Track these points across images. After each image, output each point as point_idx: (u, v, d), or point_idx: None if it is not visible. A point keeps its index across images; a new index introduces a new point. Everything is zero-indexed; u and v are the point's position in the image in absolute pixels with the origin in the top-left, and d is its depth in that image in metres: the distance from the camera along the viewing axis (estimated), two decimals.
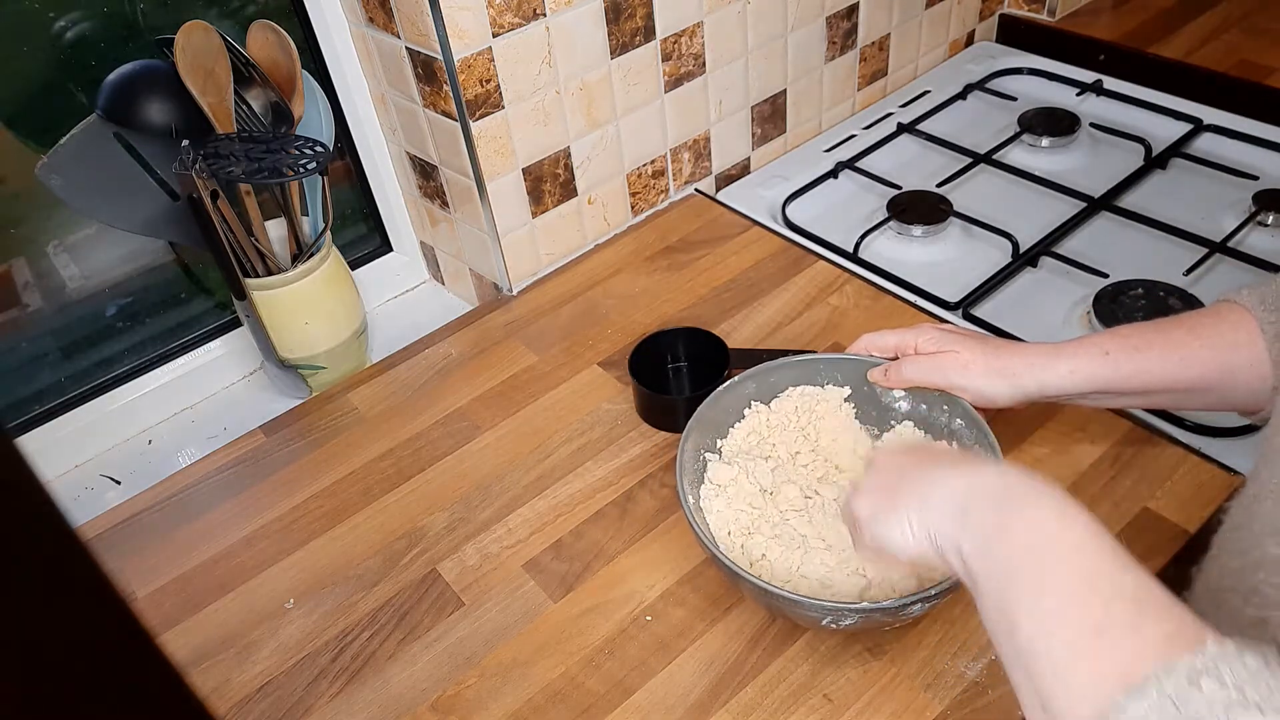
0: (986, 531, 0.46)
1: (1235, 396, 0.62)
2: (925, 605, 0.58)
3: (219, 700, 0.67)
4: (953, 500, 0.48)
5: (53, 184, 0.78)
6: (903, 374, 0.70)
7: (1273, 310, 0.59)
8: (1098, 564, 0.42)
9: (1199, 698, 0.34)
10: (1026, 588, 0.42)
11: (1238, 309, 0.61)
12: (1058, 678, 0.39)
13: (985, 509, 0.47)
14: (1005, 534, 0.45)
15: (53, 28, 0.81)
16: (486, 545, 0.75)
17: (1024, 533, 0.44)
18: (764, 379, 0.74)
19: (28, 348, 0.90)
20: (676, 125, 1.04)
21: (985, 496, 0.47)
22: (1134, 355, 0.63)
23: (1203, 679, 0.35)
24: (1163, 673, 0.35)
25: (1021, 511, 0.45)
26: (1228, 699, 0.34)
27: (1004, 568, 0.44)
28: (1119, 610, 0.39)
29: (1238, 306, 0.61)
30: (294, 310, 0.89)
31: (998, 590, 0.44)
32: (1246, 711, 0.33)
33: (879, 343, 0.72)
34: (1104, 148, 1.11)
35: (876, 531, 0.53)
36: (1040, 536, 0.44)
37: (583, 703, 0.64)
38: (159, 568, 0.77)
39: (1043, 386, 0.65)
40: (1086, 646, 0.39)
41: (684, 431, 0.70)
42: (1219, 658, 0.35)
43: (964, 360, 0.67)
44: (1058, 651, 0.40)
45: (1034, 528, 0.44)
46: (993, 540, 0.45)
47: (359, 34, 0.92)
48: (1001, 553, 0.44)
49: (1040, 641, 0.40)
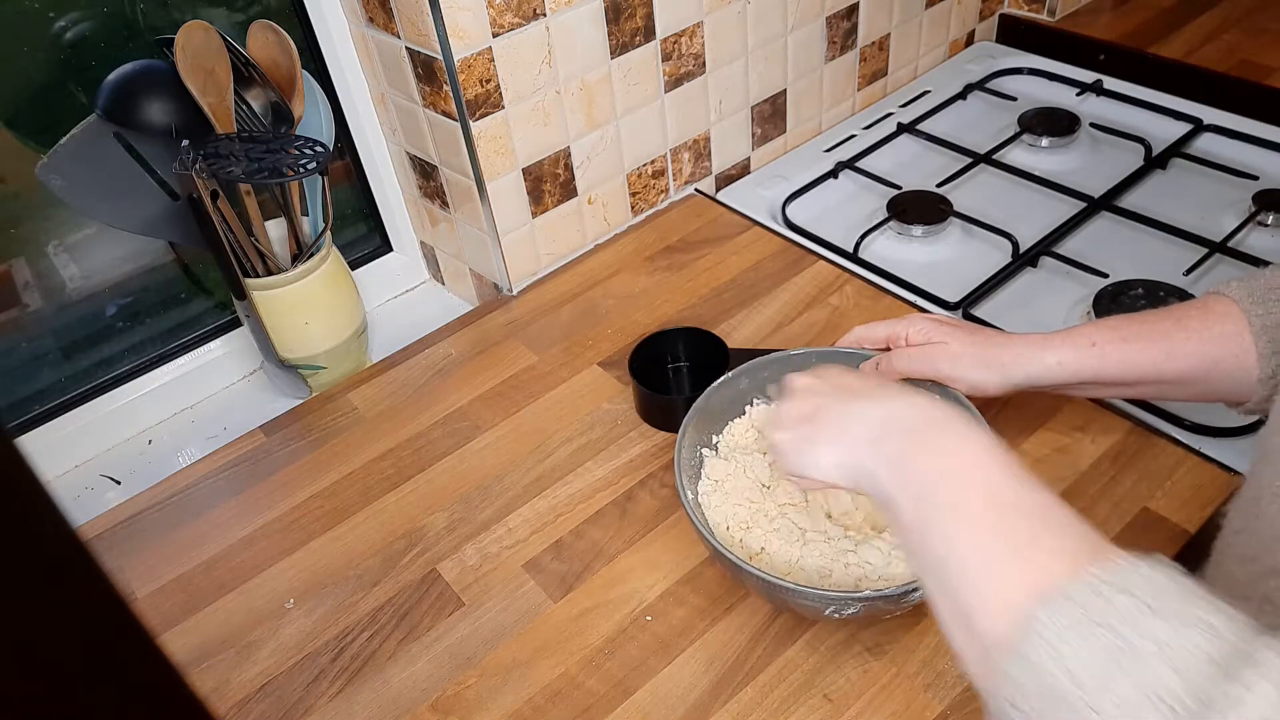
0: (899, 458, 0.48)
1: (1221, 388, 0.63)
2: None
3: (219, 700, 0.67)
4: (868, 431, 0.51)
5: (53, 184, 0.78)
6: (893, 366, 0.70)
7: (1260, 303, 0.60)
8: (1003, 481, 0.44)
9: (1103, 604, 0.36)
10: (938, 509, 0.45)
11: (1225, 301, 0.62)
12: (975, 593, 0.41)
13: (898, 437, 0.49)
14: (916, 460, 0.47)
15: (53, 28, 0.81)
16: (486, 545, 0.75)
17: (933, 457, 0.47)
18: (758, 374, 0.75)
19: (28, 348, 0.90)
20: (676, 125, 1.04)
21: (898, 425, 0.50)
22: (1121, 347, 0.64)
23: (1108, 588, 0.36)
24: (1072, 583, 0.37)
25: (931, 437, 0.48)
26: (1131, 604, 0.35)
27: (916, 491, 0.46)
28: (1025, 523, 0.41)
29: (1225, 299, 0.62)
30: (294, 310, 0.89)
31: (912, 513, 0.46)
32: (1143, 616, 0.35)
33: (870, 334, 0.73)
34: (1104, 148, 1.11)
35: (796, 462, 0.56)
36: (948, 460, 0.46)
37: (583, 703, 0.64)
38: (159, 568, 0.77)
39: (1030, 377, 0.66)
40: (997, 557, 0.41)
41: (680, 428, 0.70)
42: (1125, 570, 0.37)
43: (953, 351, 0.68)
44: (972, 568, 0.41)
45: (943, 452, 0.47)
46: (905, 466, 0.48)
47: (359, 34, 0.92)
48: (913, 477, 0.47)
49: (953, 557, 0.42)
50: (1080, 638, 0.36)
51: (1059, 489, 0.73)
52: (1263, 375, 0.60)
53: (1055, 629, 0.36)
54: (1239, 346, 0.60)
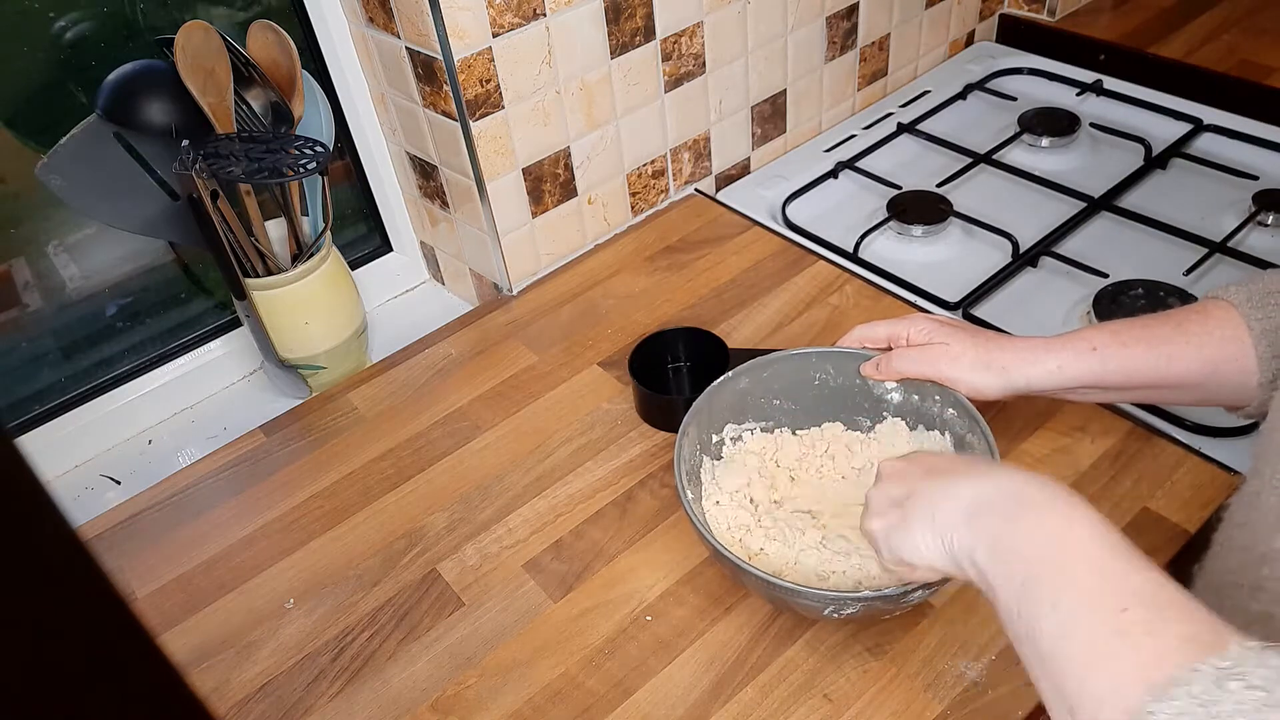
0: (997, 537, 0.46)
1: (1221, 393, 0.63)
2: (926, 593, 0.58)
3: (219, 700, 0.67)
4: (962, 509, 0.49)
5: (53, 184, 0.78)
6: (894, 366, 0.70)
7: (1259, 307, 0.60)
8: (1110, 564, 0.42)
9: (1226, 698, 0.34)
10: (1042, 592, 0.42)
11: (1224, 306, 0.62)
12: (1081, 683, 0.39)
13: (994, 515, 0.47)
14: (1016, 539, 0.45)
15: (53, 28, 0.81)
16: (486, 545, 0.75)
17: (1034, 536, 0.44)
18: (758, 374, 0.75)
19: (28, 348, 0.90)
20: (676, 125, 1.04)
21: (994, 502, 0.47)
22: (1121, 351, 0.63)
23: (1229, 680, 0.34)
24: (1189, 674, 0.35)
25: (1030, 515, 0.45)
26: (1255, 700, 0.34)
27: (1017, 573, 0.44)
28: (1136, 611, 0.39)
29: (1224, 303, 0.62)
30: (294, 310, 0.89)
31: (1013, 596, 0.44)
32: (1273, 711, 0.33)
33: (870, 333, 0.73)
34: (1104, 148, 1.11)
35: (894, 548, 0.53)
36: (1051, 538, 0.44)
37: (583, 703, 0.64)
38: (159, 568, 0.77)
39: (1031, 380, 0.66)
40: (1107, 650, 0.39)
41: (680, 428, 0.70)
42: (1243, 658, 0.35)
43: (954, 352, 0.67)
44: (1078, 657, 0.39)
45: (1044, 530, 0.44)
46: (1004, 546, 0.45)
47: (359, 34, 0.92)
48: (1014, 558, 0.45)
49: (1060, 646, 0.40)
50: None
51: None
52: (1262, 379, 0.60)
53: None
54: (1238, 351, 0.60)
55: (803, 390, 0.75)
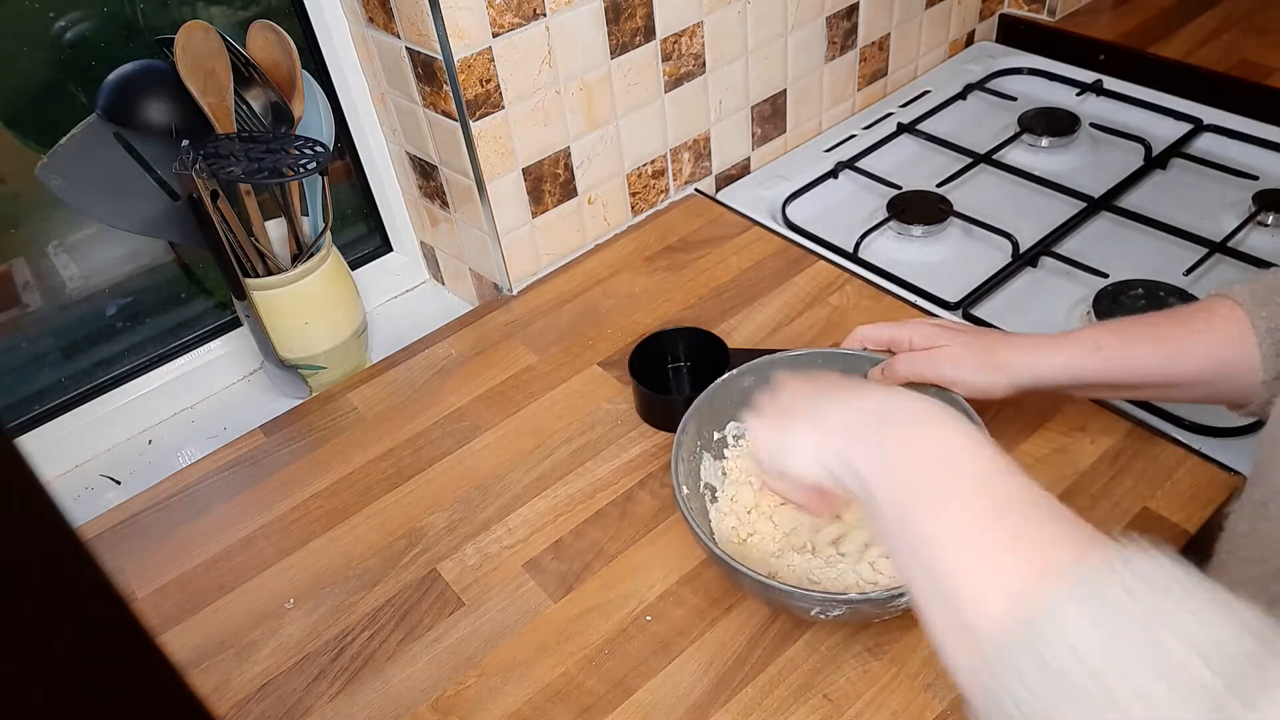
0: (880, 447, 0.47)
1: (1225, 390, 0.63)
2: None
3: (219, 700, 0.67)
4: (845, 421, 0.49)
5: (53, 184, 0.78)
6: (896, 370, 0.70)
7: (1264, 305, 0.60)
8: (995, 472, 0.43)
9: (1120, 591, 0.34)
10: (923, 499, 0.43)
11: (1229, 303, 0.62)
12: (968, 584, 0.39)
13: (878, 425, 0.48)
14: (899, 448, 0.46)
15: (53, 28, 0.81)
16: (486, 545, 0.75)
17: (917, 447, 0.45)
18: (760, 374, 0.75)
19: (28, 348, 0.90)
20: (676, 125, 1.04)
21: (878, 415, 0.48)
22: (1125, 349, 0.64)
23: (1120, 570, 0.35)
24: (1079, 567, 0.36)
25: (915, 427, 0.46)
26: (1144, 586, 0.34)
27: (897, 478, 0.45)
28: (1024, 513, 0.40)
29: (1229, 301, 0.62)
30: (294, 310, 0.89)
31: (893, 504, 0.44)
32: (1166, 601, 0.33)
33: (872, 335, 0.73)
34: (1104, 148, 1.11)
35: (775, 459, 0.54)
36: (934, 449, 0.45)
37: (583, 703, 0.64)
38: (159, 568, 0.77)
39: (1036, 379, 0.66)
40: (997, 550, 0.39)
41: (679, 428, 0.70)
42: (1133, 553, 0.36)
43: (956, 355, 0.68)
44: (965, 558, 0.40)
45: (928, 441, 0.45)
46: (887, 454, 0.46)
47: (359, 34, 0.92)
48: (894, 463, 0.45)
49: (943, 550, 0.41)
50: (1093, 624, 0.33)
51: (1059, 489, 0.73)
52: (1266, 377, 0.60)
53: (1065, 614, 0.34)
54: (1243, 349, 0.60)
55: None
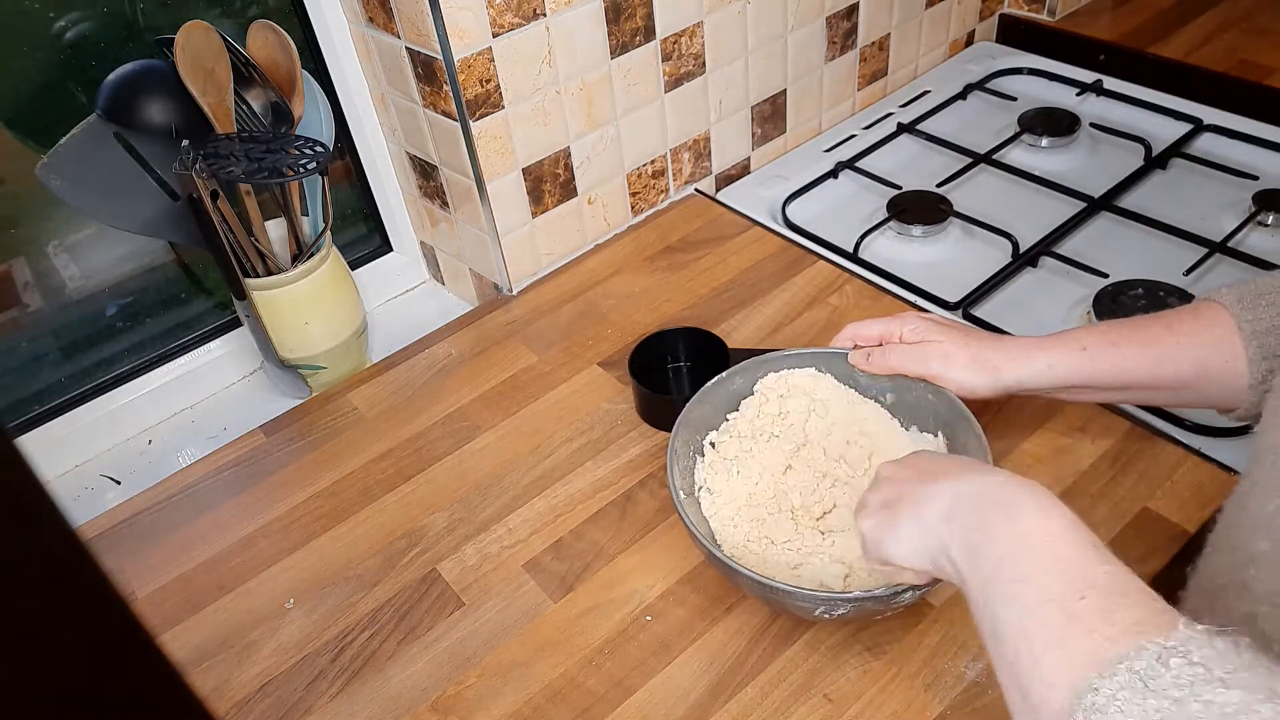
0: (971, 534, 0.47)
1: (1212, 394, 0.63)
2: (916, 594, 0.58)
3: (219, 700, 0.67)
4: (943, 509, 0.50)
5: (53, 184, 0.78)
6: (886, 360, 0.70)
7: (1250, 309, 0.60)
8: (1073, 557, 0.43)
9: (1167, 674, 0.35)
10: (1006, 585, 0.44)
11: (1216, 307, 0.62)
12: (1035, 666, 0.40)
13: (970, 512, 0.48)
14: (988, 534, 0.46)
15: (53, 28, 0.81)
16: (486, 545, 0.75)
17: (1004, 531, 0.46)
18: (753, 374, 0.75)
19: (28, 348, 0.90)
20: (676, 125, 1.04)
21: (973, 501, 0.49)
22: (1112, 351, 0.64)
23: (1171, 658, 0.35)
24: (1133, 653, 0.36)
25: (1003, 511, 0.47)
26: (1194, 675, 0.34)
27: (986, 566, 0.45)
28: (1093, 599, 0.40)
29: (1216, 305, 0.62)
30: (294, 310, 0.89)
31: (981, 590, 0.45)
32: (1211, 686, 0.34)
33: (864, 331, 0.73)
34: (1104, 148, 1.11)
35: (879, 548, 0.55)
36: (1019, 534, 0.45)
37: (583, 703, 0.64)
38: (159, 568, 0.77)
39: (1021, 380, 0.66)
40: (1061, 634, 0.40)
41: (674, 428, 0.70)
42: (1188, 639, 0.36)
43: (946, 351, 0.68)
44: (1035, 640, 0.41)
45: (1017, 527, 0.45)
46: (976, 542, 0.47)
47: (359, 34, 0.92)
48: (984, 552, 0.46)
49: (1018, 634, 0.42)
50: (1136, 706, 0.34)
51: (1059, 489, 0.73)
52: (1253, 381, 0.60)
53: (1108, 696, 0.35)
54: (1229, 352, 0.60)
55: None
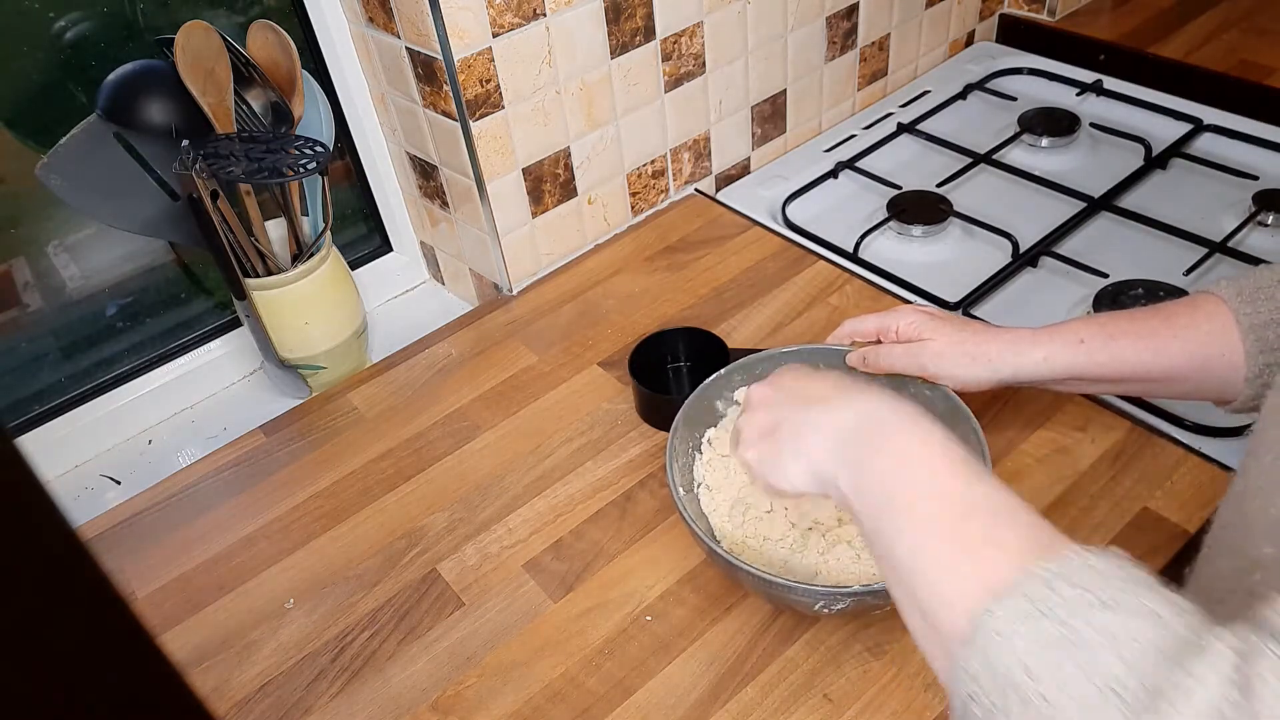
0: (857, 464, 0.49)
1: (1208, 387, 0.63)
2: None
3: (219, 700, 0.67)
4: (825, 438, 0.52)
5: (53, 184, 0.78)
6: (879, 362, 0.71)
7: (1248, 302, 0.60)
8: (952, 479, 0.45)
9: (1056, 598, 0.37)
10: (895, 515, 0.46)
11: (1213, 300, 0.62)
12: (932, 593, 0.42)
13: (853, 442, 0.50)
14: (872, 464, 0.48)
15: (53, 28, 0.81)
16: (486, 545, 0.75)
17: (887, 461, 0.48)
18: (750, 372, 0.75)
19: (28, 348, 0.90)
20: (676, 125, 1.04)
21: (853, 429, 0.51)
22: (1108, 344, 0.64)
23: (1058, 581, 0.37)
24: (1024, 578, 0.38)
25: (885, 440, 0.49)
26: (1081, 599, 0.36)
27: (874, 496, 0.48)
28: (978, 523, 0.43)
29: (1214, 298, 0.62)
30: (294, 310, 0.89)
31: (872, 517, 0.47)
32: (1092, 608, 0.36)
33: (860, 327, 0.73)
34: (1104, 148, 1.11)
35: (767, 477, 0.56)
36: (901, 462, 0.47)
37: (583, 703, 0.64)
38: (159, 568, 0.77)
39: (1017, 373, 0.66)
40: (953, 559, 0.42)
41: (671, 431, 0.70)
42: (1073, 562, 0.38)
43: (939, 348, 0.68)
44: (929, 567, 0.43)
45: (894, 455, 0.48)
46: (862, 471, 0.49)
47: (359, 34, 0.92)
48: (871, 482, 0.48)
49: (914, 561, 0.44)
50: (1031, 630, 0.37)
51: (1059, 489, 0.73)
52: (1250, 374, 0.60)
53: (1007, 623, 0.37)
54: (1226, 345, 0.60)
55: None
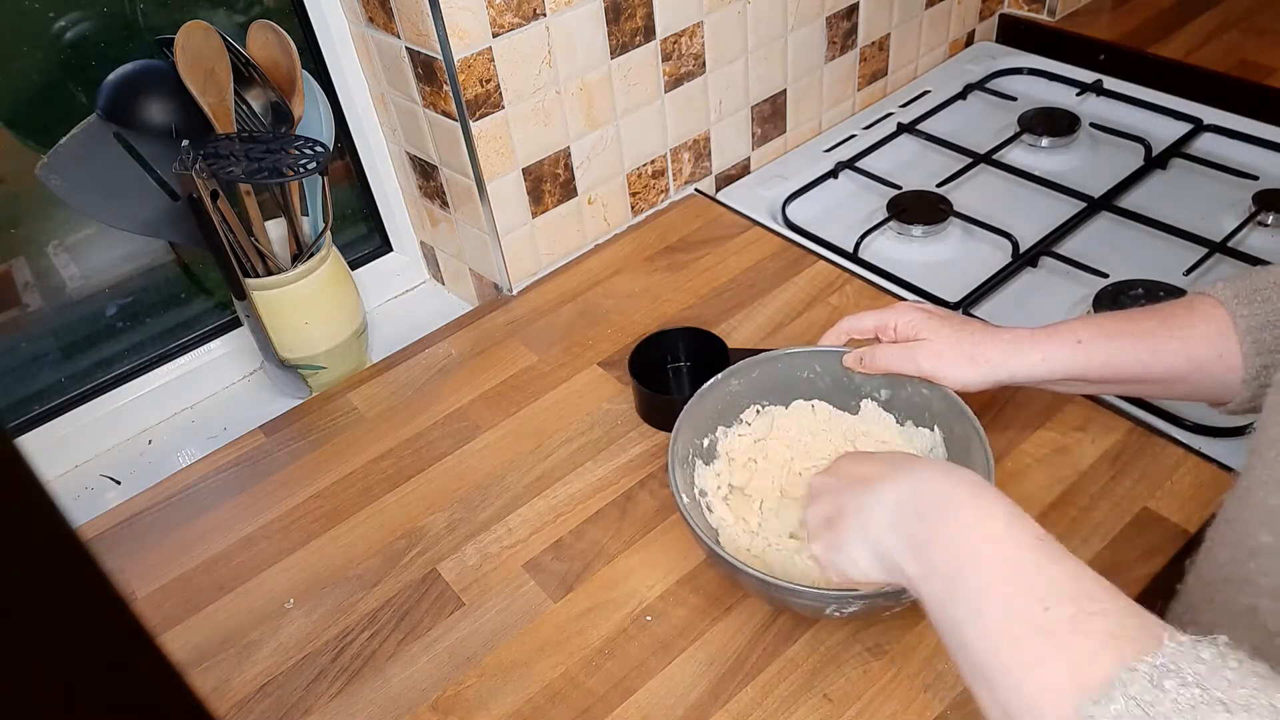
0: (919, 543, 0.47)
1: (1205, 388, 0.63)
2: None
3: (219, 700, 0.67)
4: (884, 518, 0.49)
5: (53, 184, 0.78)
6: (877, 362, 0.71)
7: (1246, 304, 0.60)
8: (1024, 557, 0.42)
9: (1164, 698, 0.34)
10: (965, 600, 0.43)
11: (1211, 301, 0.62)
12: (1015, 690, 0.39)
13: (910, 520, 0.48)
14: (936, 543, 0.46)
15: (53, 28, 0.81)
16: (486, 545, 0.75)
17: (949, 537, 0.45)
18: (749, 374, 0.75)
19: (28, 348, 0.90)
20: (676, 125, 1.04)
21: (911, 505, 0.48)
22: (1106, 345, 0.64)
23: (1165, 679, 0.35)
24: (1125, 676, 0.35)
25: (948, 515, 0.46)
26: (1193, 698, 0.34)
27: (940, 579, 0.44)
28: (1059, 608, 0.39)
29: (1211, 299, 0.62)
30: (294, 310, 0.89)
31: (941, 605, 0.44)
32: (1212, 709, 0.33)
33: (858, 325, 0.73)
34: (1104, 148, 1.11)
35: (836, 568, 0.54)
36: (963, 538, 0.44)
37: (583, 703, 0.64)
38: (159, 568, 0.77)
39: (1015, 374, 0.66)
40: (1036, 654, 0.39)
41: (674, 429, 0.70)
42: (1177, 654, 0.35)
43: (936, 348, 0.68)
44: (1010, 664, 0.39)
45: (956, 528, 0.45)
46: (927, 551, 0.46)
47: (359, 34, 0.92)
48: (935, 563, 0.45)
49: (989, 654, 0.40)
50: None
51: (1059, 489, 0.73)
52: (1247, 376, 0.60)
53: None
54: (1224, 347, 0.60)
55: (793, 389, 0.75)
